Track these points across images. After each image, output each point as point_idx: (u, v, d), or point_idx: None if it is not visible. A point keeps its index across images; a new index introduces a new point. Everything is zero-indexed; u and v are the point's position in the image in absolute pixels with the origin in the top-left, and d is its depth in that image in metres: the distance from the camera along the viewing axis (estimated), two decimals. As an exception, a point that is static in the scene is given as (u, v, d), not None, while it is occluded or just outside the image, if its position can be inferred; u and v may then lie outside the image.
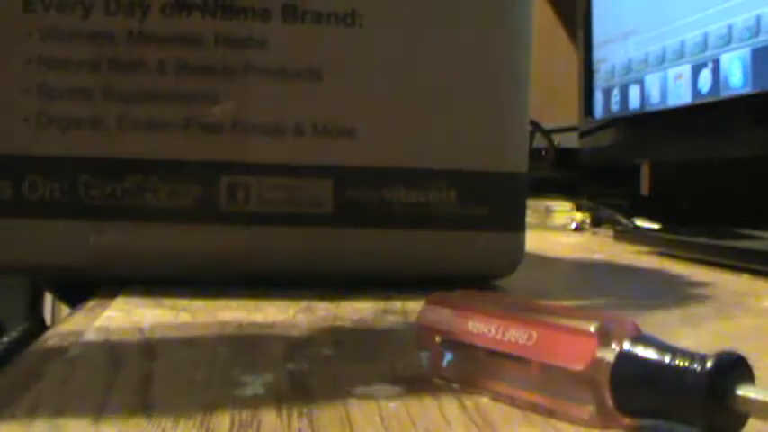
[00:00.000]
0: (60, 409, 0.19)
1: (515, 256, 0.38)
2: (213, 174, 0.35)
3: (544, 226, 0.81)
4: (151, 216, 0.35)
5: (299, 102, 0.36)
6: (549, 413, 0.19)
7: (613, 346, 0.17)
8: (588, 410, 0.17)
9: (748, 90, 0.54)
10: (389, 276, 0.37)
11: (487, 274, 0.38)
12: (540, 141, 0.86)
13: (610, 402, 0.17)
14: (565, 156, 0.86)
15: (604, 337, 0.17)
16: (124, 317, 0.30)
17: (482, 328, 0.20)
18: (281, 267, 0.36)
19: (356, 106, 0.36)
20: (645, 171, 0.91)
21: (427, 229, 0.37)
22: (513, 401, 0.19)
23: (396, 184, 0.36)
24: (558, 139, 0.89)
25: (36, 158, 0.35)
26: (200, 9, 0.35)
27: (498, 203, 0.37)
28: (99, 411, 0.18)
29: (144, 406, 0.19)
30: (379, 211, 0.36)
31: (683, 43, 0.62)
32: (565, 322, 0.18)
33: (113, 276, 0.36)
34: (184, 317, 0.30)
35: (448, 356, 0.21)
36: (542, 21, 1.16)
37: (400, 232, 0.37)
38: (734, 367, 0.16)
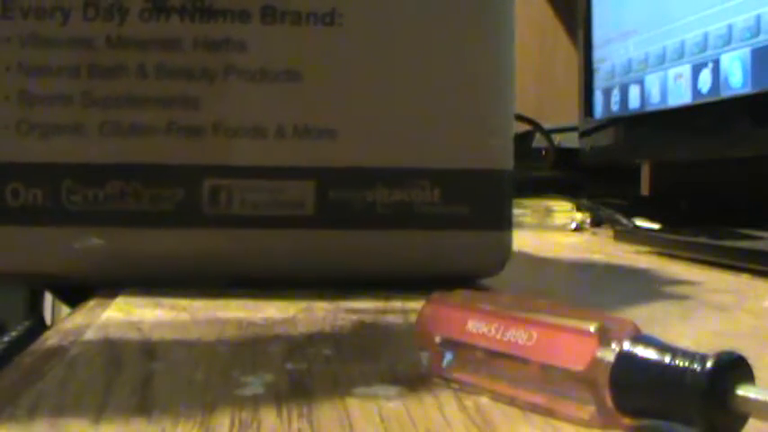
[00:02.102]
0: (60, 409, 0.19)
1: (502, 254, 0.38)
2: (195, 177, 0.35)
3: (544, 226, 0.81)
4: (134, 221, 0.35)
5: (280, 103, 0.36)
6: (549, 413, 0.19)
7: (613, 346, 0.17)
8: (588, 410, 0.17)
9: (748, 90, 0.54)
10: (374, 277, 0.36)
11: (473, 274, 0.38)
12: (540, 141, 0.86)
13: (610, 402, 0.17)
14: (565, 156, 0.85)
15: (604, 337, 0.17)
16: (124, 317, 0.30)
17: (482, 328, 0.20)
18: (264, 270, 0.36)
19: (337, 106, 0.36)
20: (645, 171, 0.91)
21: (411, 228, 0.36)
22: (513, 401, 0.19)
23: (378, 183, 0.36)
24: (558, 139, 0.89)
25: (18, 165, 0.35)
26: (179, 12, 0.35)
27: (483, 201, 0.37)
28: (99, 411, 0.18)
29: (144, 406, 0.19)
30: (362, 212, 0.36)
31: (683, 43, 0.62)
32: (565, 322, 0.18)
33: (98, 281, 0.36)
34: (184, 317, 0.30)
35: (448, 356, 0.21)
36: (542, 21, 1.16)
37: (384, 232, 0.36)
38: (734, 367, 0.16)
